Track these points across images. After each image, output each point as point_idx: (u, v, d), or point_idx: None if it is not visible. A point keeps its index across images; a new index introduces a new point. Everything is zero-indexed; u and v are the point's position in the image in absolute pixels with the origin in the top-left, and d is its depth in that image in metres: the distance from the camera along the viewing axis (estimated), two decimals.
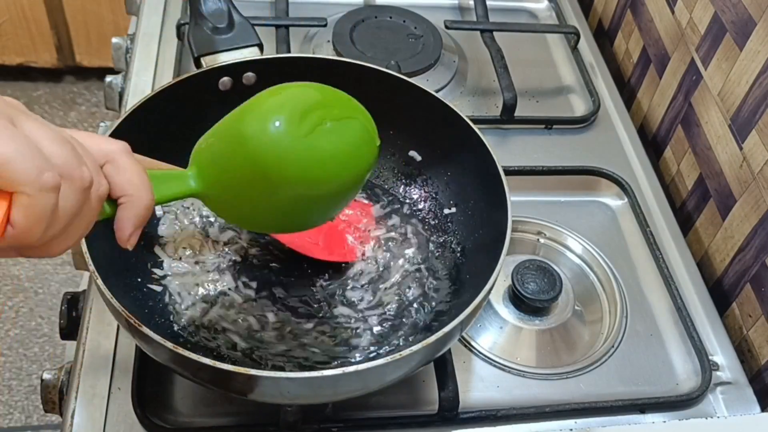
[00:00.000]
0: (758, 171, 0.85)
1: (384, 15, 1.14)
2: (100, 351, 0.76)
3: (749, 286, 0.86)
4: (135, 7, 1.18)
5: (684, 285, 0.90)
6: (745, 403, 0.81)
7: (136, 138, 0.74)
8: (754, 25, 0.85)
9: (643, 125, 1.12)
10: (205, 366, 0.59)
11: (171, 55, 1.06)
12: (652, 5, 1.10)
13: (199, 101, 0.81)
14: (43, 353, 1.79)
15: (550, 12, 1.26)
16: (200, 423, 0.73)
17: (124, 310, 0.61)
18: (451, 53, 1.12)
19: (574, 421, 0.77)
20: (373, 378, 0.64)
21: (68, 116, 2.27)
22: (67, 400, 0.73)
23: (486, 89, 1.10)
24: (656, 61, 1.09)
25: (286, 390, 0.61)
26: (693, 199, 0.99)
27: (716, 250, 0.93)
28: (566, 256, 0.93)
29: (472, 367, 0.80)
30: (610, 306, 0.88)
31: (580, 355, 0.84)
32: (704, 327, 0.87)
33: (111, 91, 1.07)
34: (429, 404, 0.76)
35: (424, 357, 0.66)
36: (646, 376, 0.82)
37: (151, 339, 0.60)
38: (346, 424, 0.74)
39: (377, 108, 0.85)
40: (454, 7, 1.25)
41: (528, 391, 0.79)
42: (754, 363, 0.85)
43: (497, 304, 0.85)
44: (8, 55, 2.20)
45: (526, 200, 0.95)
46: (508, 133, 1.04)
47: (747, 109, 0.87)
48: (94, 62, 2.24)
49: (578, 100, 1.11)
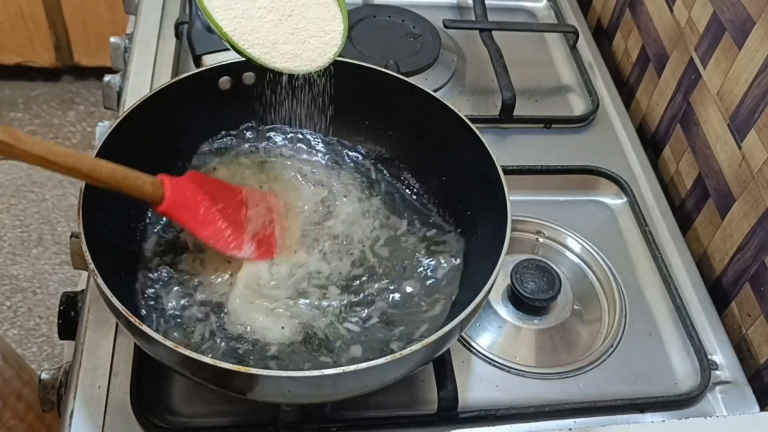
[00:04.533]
0: (757, 170, 0.85)
1: (383, 14, 1.14)
2: (98, 351, 0.76)
3: (748, 285, 0.86)
4: (133, 6, 1.18)
5: (683, 284, 0.90)
6: (744, 403, 0.81)
7: (135, 138, 0.75)
8: (753, 24, 0.85)
9: (642, 124, 1.12)
10: (205, 365, 0.59)
11: (169, 55, 1.06)
12: (651, 4, 1.10)
13: (199, 101, 0.81)
14: (41, 353, 1.79)
15: (549, 11, 1.26)
16: (198, 423, 0.73)
17: (124, 309, 0.61)
18: (449, 52, 1.12)
19: (573, 421, 0.77)
20: (373, 378, 0.64)
21: (66, 116, 2.27)
22: (65, 400, 0.73)
23: (485, 88, 1.10)
24: (655, 61, 1.09)
25: (286, 389, 0.61)
26: (692, 199, 0.99)
27: (715, 249, 0.93)
28: (565, 255, 0.93)
29: (472, 367, 0.80)
30: (609, 305, 0.88)
31: (580, 355, 0.83)
32: (703, 326, 0.87)
33: (109, 90, 1.07)
34: (428, 404, 0.76)
35: (424, 357, 0.66)
36: (645, 376, 0.82)
37: (152, 338, 0.60)
38: (345, 423, 0.74)
39: (376, 107, 0.86)
40: (452, 6, 1.25)
41: (527, 391, 0.79)
42: (753, 362, 0.85)
43: (496, 304, 0.85)
44: (6, 54, 2.20)
45: (525, 200, 0.95)
46: (506, 132, 1.04)
47: (746, 108, 0.87)
48: (92, 62, 2.24)
49: (577, 100, 1.11)
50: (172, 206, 0.71)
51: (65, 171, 0.63)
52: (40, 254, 1.94)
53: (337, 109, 0.86)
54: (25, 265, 1.92)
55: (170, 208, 0.70)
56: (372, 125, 0.87)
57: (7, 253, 1.93)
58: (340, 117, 0.87)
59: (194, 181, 0.74)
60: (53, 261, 1.93)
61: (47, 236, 1.98)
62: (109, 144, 0.72)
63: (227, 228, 0.74)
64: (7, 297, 1.87)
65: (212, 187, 0.76)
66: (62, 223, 2.01)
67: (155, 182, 0.70)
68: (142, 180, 0.69)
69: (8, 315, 1.84)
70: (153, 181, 0.70)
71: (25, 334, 1.81)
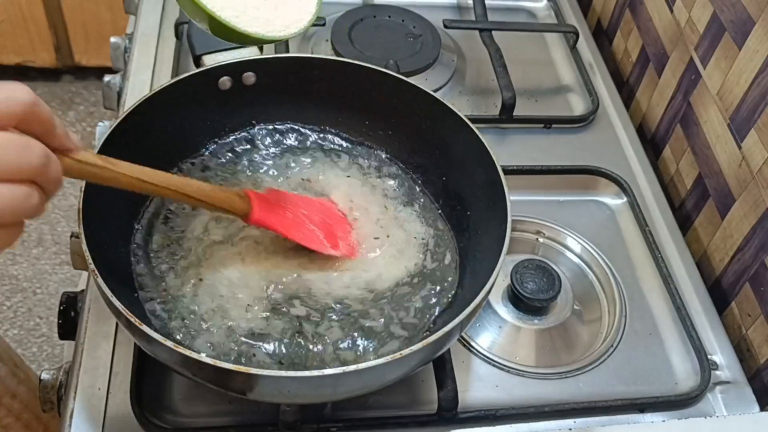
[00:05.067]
0: (757, 170, 0.85)
1: (383, 14, 1.14)
2: (98, 351, 0.76)
3: (748, 285, 0.86)
4: (133, 6, 1.18)
5: (683, 284, 0.90)
6: (744, 403, 0.81)
7: (135, 138, 0.75)
8: (753, 24, 0.85)
9: (642, 124, 1.13)
10: (206, 365, 0.59)
11: (169, 55, 1.06)
12: (651, 4, 1.10)
13: (198, 101, 0.81)
14: (41, 353, 1.79)
15: (549, 11, 1.26)
16: (198, 423, 0.73)
17: (124, 308, 0.61)
18: (449, 52, 1.12)
19: (573, 421, 0.77)
20: (373, 377, 0.64)
21: (66, 116, 2.27)
22: (65, 400, 0.73)
23: (485, 88, 1.10)
24: (655, 61, 1.09)
25: (286, 389, 0.61)
26: (692, 199, 0.99)
27: (715, 249, 0.93)
28: (565, 255, 0.93)
29: (472, 367, 0.80)
30: (609, 305, 0.88)
31: (579, 355, 0.84)
32: (703, 326, 0.87)
33: (109, 90, 1.07)
34: (428, 404, 0.76)
35: (424, 357, 0.66)
36: (645, 376, 0.82)
37: (152, 338, 0.60)
38: (345, 423, 0.74)
39: (376, 107, 0.86)
40: (452, 6, 1.25)
41: (527, 391, 0.79)
42: (753, 362, 0.85)
43: (496, 304, 0.85)
44: (6, 54, 2.20)
45: (525, 200, 0.95)
46: (506, 132, 1.04)
47: (746, 108, 0.87)
48: (92, 62, 2.24)
49: (577, 100, 1.11)
50: (263, 215, 0.73)
51: (158, 190, 0.64)
52: (40, 254, 1.95)
53: (337, 109, 0.86)
54: (25, 265, 1.92)
55: (262, 216, 0.72)
56: (372, 125, 0.87)
57: (7, 253, 1.93)
58: (340, 117, 0.87)
59: (274, 192, 0.77)
60: (53, 261, 1.94)
61: (47, 236, 1.98)
62: (109, 144, 0.71)
63: (318, 230, 0.77)
64: (7, 297, 1.87)
65: (289, 197, 0.78)
66: (62, 223, 2.01)
67: (241, 195, 0.72)
68: (229, 193, 0.71)
69: (8, 315, 1.84)
70: (239, 194, 0.72)
71: (25, 334, 1.81)
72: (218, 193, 0.70)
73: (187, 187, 0.67)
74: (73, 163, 0.54)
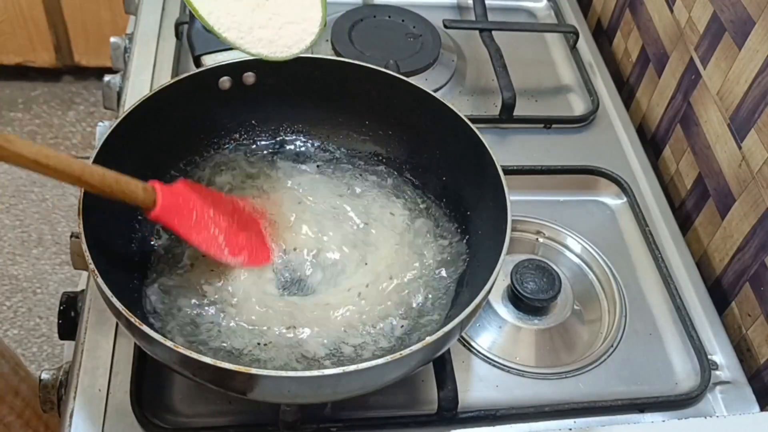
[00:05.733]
0: (757, 170, 0.85)
1: (382, 14, 1.14)
2: (98, 351, 0.76)
3: (748, 285, 0.86)
4: (133, 6, 1.18)
5: (683, 284, 0.90)
6: (745, 403, 0.81)
7: (135, 138, 0.75)
8: (753, 24, 0.85)
9: (642, 124, 1.13)
10: (206, 365, 0.59)
11: (169, 55, 1.06)
12: (650, 4, 1.10)
13: (199, 101, 0.81)
14: (41, 353, 1.79)
15: (549, 11, 1.26)
16: (199, 423, 0.73)
17: (124, 308, 0.61)
18: (449, 52, 1.12)
19: (573, 421, 0.77)
20: (373, 378, 0.64)
21: (66, 116, 2.27)
22: (65, 400, 0.73)
23: (485, 88, 1.10)
24: (655, 61, 1.09)
25: (286, 389, 0.61)
26: (692, 199, 0.99)
27: (715, 249, 0.93)
28: (565, 255, 0.93)
29: (472, 367, 0.80)
30: (609, 305, 0.88)
31: (579, 355, 0.84)
32: (703, 326, 0.87)
33: (109, 90, 1.07)
34: (428, 404, 0.76)
35: (424, 357, 0.66)
36: (645, 376, 0.82)
37: (152, 338, 0.60)
38: (345, 423, 0.74)
39: (376, 107, 0.86)
40: (452, 6, 1.25)
41: (527, 391, 0.79)
42: (753, 362, 0.85)
43: (496, 304, 0.85)
44: (6, 54, 2.20)
45: (525, 200, 0.95)
46: (507, 132, 1.04)
47: (746, 108, 0.87)
48: (92, 62, 2.24)
49: (577, 100, 1.11)
50: (164, 212, 0.70)
51: (56, 174, 0.62)
52: (40, 254, 1.94)
53: (337, 109, 0.86)
54: (25, 265, 1.92)
55: (162, 213, 0.70)
56: (372, 125, 0.87)
57: (7, 253, 1.93)
58: (340, 117, 0.87)
59: (185, 188, 0.74)
60: (53, 261, 1.93)
61: (47, 236, 1.98)
62: (108, 144, 0.71)
63: (220, 235, 0.74)
64: (7, 297, 1.87)
65: (203, 195, 0.75)
66: (62, 223, 2.01)
67: (147, 188, 0.69)
68: (133, 185, 0.68)
69: (8, 315, 1.84)
70: (144, 187, 0.69)
71: (25, 334, 1.81)
72: (122, 184, 0.67)
73: (87, 174, 0.64)
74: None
